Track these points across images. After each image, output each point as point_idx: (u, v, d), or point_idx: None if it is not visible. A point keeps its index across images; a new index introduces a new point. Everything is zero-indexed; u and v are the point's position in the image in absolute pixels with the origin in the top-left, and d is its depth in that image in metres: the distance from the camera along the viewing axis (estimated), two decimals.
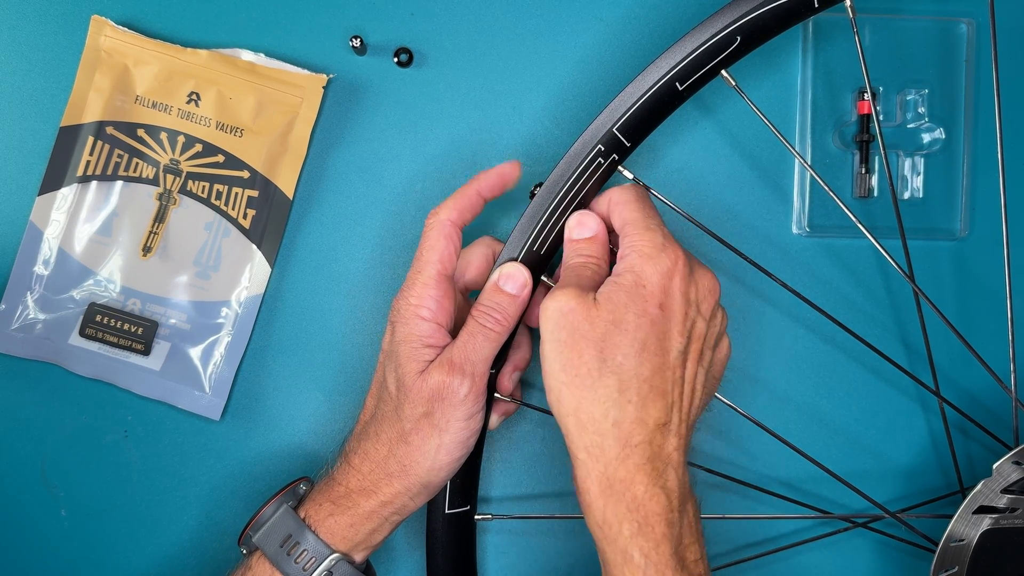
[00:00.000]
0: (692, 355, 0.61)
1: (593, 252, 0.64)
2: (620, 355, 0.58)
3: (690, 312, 0.61)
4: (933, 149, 0.76)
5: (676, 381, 0.60)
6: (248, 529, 0.65)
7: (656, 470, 0.58)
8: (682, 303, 0.60)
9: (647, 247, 0.61)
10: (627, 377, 0.58)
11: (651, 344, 0.59)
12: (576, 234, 0.65)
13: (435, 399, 0.62)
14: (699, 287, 0.62)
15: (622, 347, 0.58)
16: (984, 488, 0.66)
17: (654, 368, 0.59)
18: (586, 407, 0.59)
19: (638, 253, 0.60)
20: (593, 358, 0.59)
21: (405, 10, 0.73)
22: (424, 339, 0.63)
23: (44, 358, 0.72)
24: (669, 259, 0.60)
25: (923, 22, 0.75)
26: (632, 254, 0.61)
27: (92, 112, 0.71)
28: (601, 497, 0.58)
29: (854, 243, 0.76)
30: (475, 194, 0.66)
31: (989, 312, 0.76)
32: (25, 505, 0.73)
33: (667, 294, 0.60)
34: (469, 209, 0.65)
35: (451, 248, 0.64)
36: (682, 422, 0.60)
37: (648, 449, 0.58)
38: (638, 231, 0.62)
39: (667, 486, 0.58)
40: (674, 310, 0.60)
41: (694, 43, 0.63)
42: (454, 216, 0.65)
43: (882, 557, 0.77)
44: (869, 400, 0.76)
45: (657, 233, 0.61)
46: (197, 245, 0.72)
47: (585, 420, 0.59)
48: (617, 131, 0.64)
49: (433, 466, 0.63)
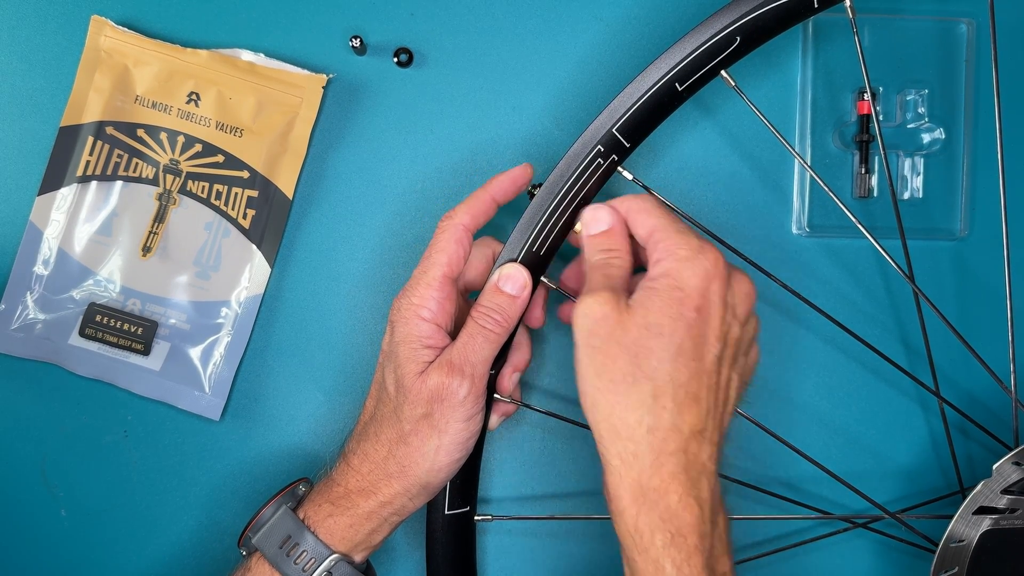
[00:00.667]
0: (727, 360, 0.60)
1: (613, 245, 0.63)
2: (655, 360, 0.57)
3: (727, 316, 0.59)
4: (933, 149, 0.76)
5: (711, 387, 0.59)
6: (247, 530, 0.65)
7: (690, 479, 0.57)
8: (719, 307, 0.59)
9: (683, 250, 0.59)
10: (662, 383, 0.57)
11: (687, 349, 0.58)
12: (592, 229, 0.64)
13: (434, 400, 0.62)
14: (736, 291, 0.60)
15: (657, 352, 0.57)
16: (984, 489, 0.66)
17: (690, 373, 0.58)
18: (620, 413, 0.58)
19: (674, 256, 0.59)
20: (627, 363, 0.58)
21: (405, 10, 0.73)
22: (424, 340, 0.63)
23: (44, 358, 0.72)
24: (708, 261, 0.59)
25: (923, 22, 0.75)
26: (668, 258, 0.59)
27: (92, 112, 0.71)
28: (634, 505, 0.57)
29: (854, 243, 0.76)
30: (489, 199, 0.65)
31: (989, 312, 0.76)
32: (25, 505, 0.73)
33: (705, 298, 0.58)
34: (483, 214, 0.65)
35: (460, 252, 0.64)
36: (716, 429, 0.59)
37: (683, 457, 0.57)
38: (669, 234, 0.60)
39: (700, 496, 0.57)
40: (711, 314, 0.59)
41: (694, 43, 0.63)
42: (467, 220, 0.64)
43: (882, 558, 0.77)
44: (869, 400, 0.76)
45: (691, 235, 0.60)
46: (197, 245, 0.72)
47: (619, 426, 0.58)
48: (617, 131, 0.64)
49: (432, 467, 0.63)
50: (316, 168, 0.74)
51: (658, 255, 0.60)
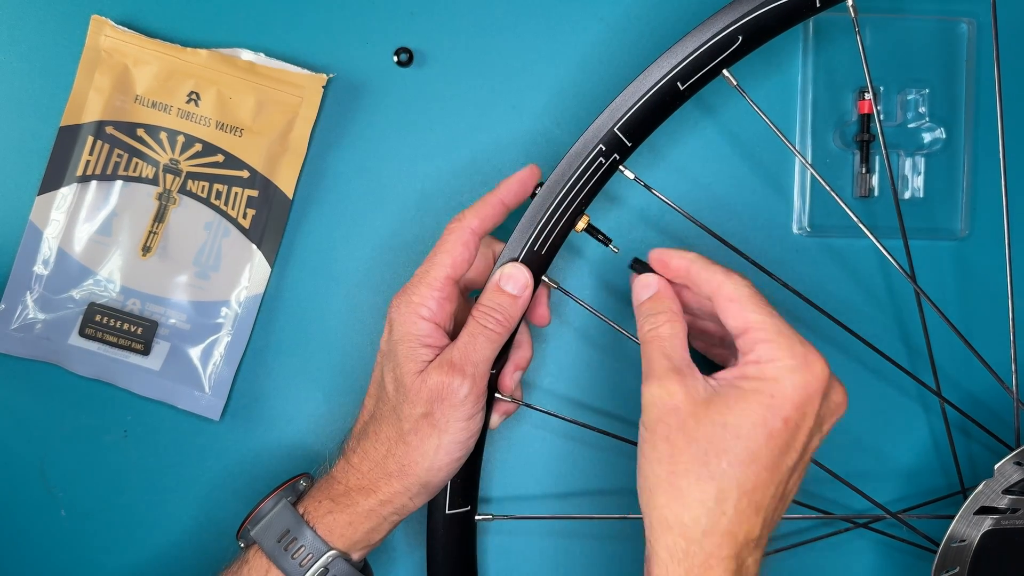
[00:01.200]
0: (799, 470, 0.58)
1: (661, 308, 0.62)
2: (726, 462, 0.56)
3: (813, 430, 0.57)
4: (934, 149, 0.75)
5: (776, 496, 0.57)
6: (247, 523, 0.65)
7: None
8: (810, 423, 0.57)
9: (787, 357, 0.57)
10: (728, 487, 0.56)
11: (763, 457, 0.56)
12: (642, 296, 0.63)
13: (435, 399, 0.62)
14: (829, 403, 0.58)
15: (729, 454, 0.56)
16: (985, 489, 0.66)
17: (758, 482, 0.56)
18: (676, 508, 0.56)
19: (776, 363, 0.57)
20: (694, 458, 0.56)
21: (405, 10, 0.73)
22: (422, 339, 0.63)
23: (44, 358, 0.71)
24: (814, 377, 0.56)
25: (923, 22, 0.75)
26: (770, 364, 0.57)
27: (92, 112, 0.71)
28: None
29: (855, 243, 0.76)
30: (499, 203, 0.65)
31: (990, 312, 0.76)
32: (25, 505, 0.73)
33: (800, 412, 0.56)
34: (492, 218, 0.65)
35: (466, 255, 0.64)
36: (767, 534, 0.58)
37: (734, 563, 0.56)
38: (772, 336, 0.57)
39: None
40: (800, 429, 0.57)
41: (695, 43, 0.63)
42: (475, 224, 0.64)
43: (883, 558, 0.77)
44: (870, 400, 0.76)
45: (796, 341, 0.57)
46: (197, 245, 0.72)
47: (672, 521, 0.56)
48: (618, 131, 0.64)
49: (432, 466, 0.63)
50: (316, 168, 0.73)
51: (757, 356, 0.58)
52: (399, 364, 0.63)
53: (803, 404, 0.56)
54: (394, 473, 0.63)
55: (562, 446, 0.75)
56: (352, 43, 0.73)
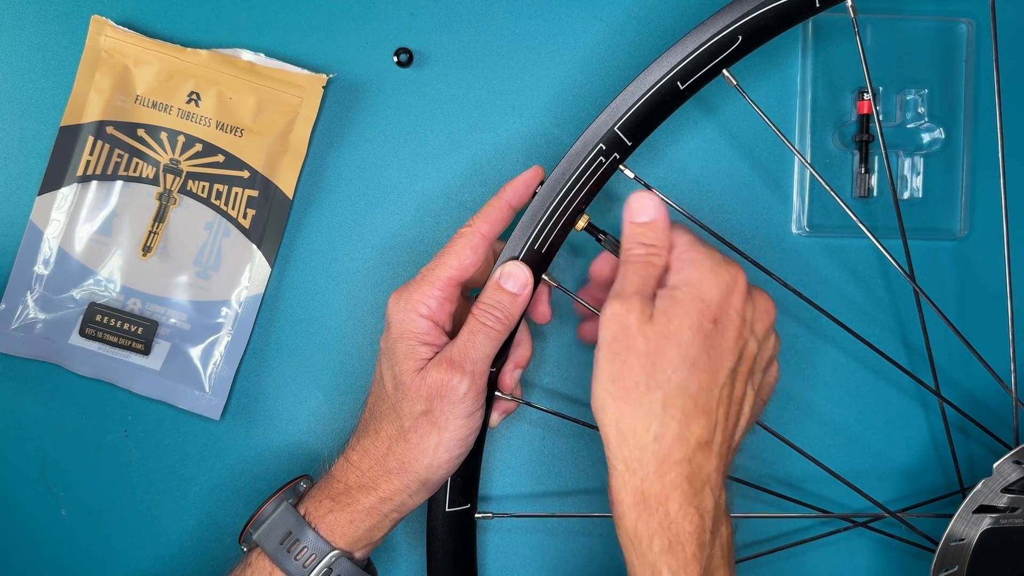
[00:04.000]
0: (741, 375, 0.60)
1: (653, 239, 0.62)
2: (670, 369, 0.58)
3: (744, 331, 0.60)
4: (933, 149, 0.76)
5: (722, 400, 0.59)
6: (248, 527, 0.65)
7: (693, 489, 0.58)
8: (737, 321, 0.59)
9: (705, 261, 0.60)
10: (673, 392, 0.58)
11: (701, 360, 0.58)
12: (637, 217, 0.63)
13: (434, 397, 0.62)
14: (756, 307, 0.61)
15: (672, 362, 0.58)
16: (984, 487, 0.66)
17: (701, 385, 0.58)
18: (628, 419, 0.58)
19: (696, 265, 0.60)
20: (642, 372, 0.58)
21: (405, 10, 0.73)
22: (421, 336, 0.63)
23: (44, 358, 0.72)
24: (729, 274, 0.59)
25: (923, 22, 0.75)
26: (689, 267, 0.60)
27: (92, 112, 0.71)
28: (634, 510, 0.58)
29: (854, 243, 0.76)
30: (505, 205, 0.65)
31: (989, 312, 0.76)
32: (25, 505, 0.73)
33: (723, 310, 0.59)
34: (500, 221, 0.65)
35: (474, 259, 0.64)
36: (724, 442, 0.59)
37: (687, 467, 0.58)
38: (694, 246, 0.61)
39: (702, 506, 0.58)
40: (728, 327, 0.59)
41: (695, 42, 0.63)
42: (485, 229, 0.64)
43: (882, 557, 0.78)
44: (869, 399, 0.76)
45: (714, 250, 0.61)
46: (197, 245, 0.72)
47: (626, 432, 0.58)
48: (618, 130, 0.64)
49: (432, 463, 0.63)
50: (316, 168, 0.73)
51: (680, 264, 0.60)
52: (398, 362, 0.63)
53: (725, 302, 0.59)
54: (394, 470, 0.63)
55: (562, 444, 0.75)
56: (352, 43, 0.73)
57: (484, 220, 0.65)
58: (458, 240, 0.64)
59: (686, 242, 0.61)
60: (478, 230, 0.64)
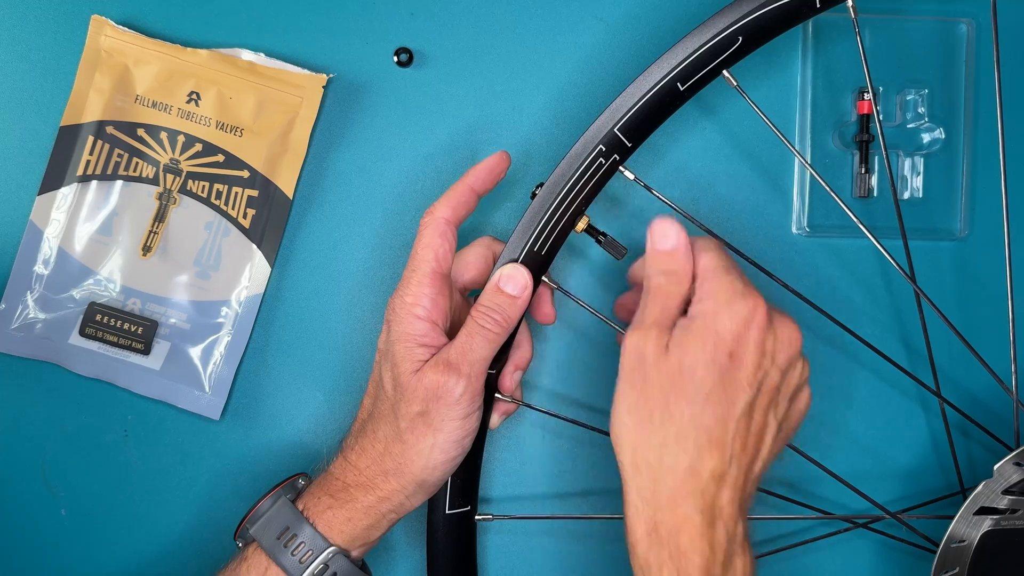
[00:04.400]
0: (760, 407, 0.59)
1: (674, 267, 0.62)
2: (683, 403, 0.58)
3: (763, 363, 0.59)
4: (933, 149, 0.76)
5: (739, 432, 0.58)
6: (245, 521, 0.65)
7: (705, 521, 0.57)
8: (755, 353, 0.58)
9: (724, 292, 0.59)
10: (686, 426, 0.58)
11: (716, 394, 0.58)
12: (660, 244, 0.62)
13: (430, 398, 0.62)
14: (777, 337, 0.60)
15: (686, 395, 0.58)
16: (985, 489, 0.66)
17: (716, 418, 0.58)
18: (642, 451, 0.58)
19: (713, 298, 0.59)
20: (656, 405, 0.58)
21: (405, 10, 0.73)
22: (419, 338, 0.63)
23: (44, 358, 0.72)
24: (747, 307, 0.59)
25: (923, 22, 0.75)
26: (708, 299, 0.59)
27: (92, 112, 0.71)
28: (645, 539, 0.58)
29: (854, 243, 0.76)
30: (468, 190, 0.65)
31: (990, 312, 0.76)
32: (25, 505, 0.73)
33: (739, 343, 0.58)
34: (464, 206, 0.65)
35: (447, 246, 0.64)
36: (741, 475, 0.59)
37: (700, 500, 0.57)
38: (716, 275, 0.60)
39: (714, 539, 0.57)
40: (745, 360, 0.58)
41: (696, 43, 0.63)
42: (448, 214, 0.64)
43: (883, 558, 0.77)
44: (870, 400, 0.76)
45: (736, 279, 0.60)
46: (197, 245, 0.72)
47: (640, 464, 0.58)
48: (618, 131, 0.64)
49: (428, 464, 0.63)
50: (316, 168, 0.74)
51: (700, 294, 0.60)
52: (396, 363, 0.63)
53: (742, 335, 0.58)
54: (391, 471, 0.63)
55: (562, 446, 0.75)
56: (352, 43, 0.73)
57: (446, 205, 0.65)
58: (424, 232, 0.64)
59: (710, 269, 0.61)
60: (441, 216, 0.64)
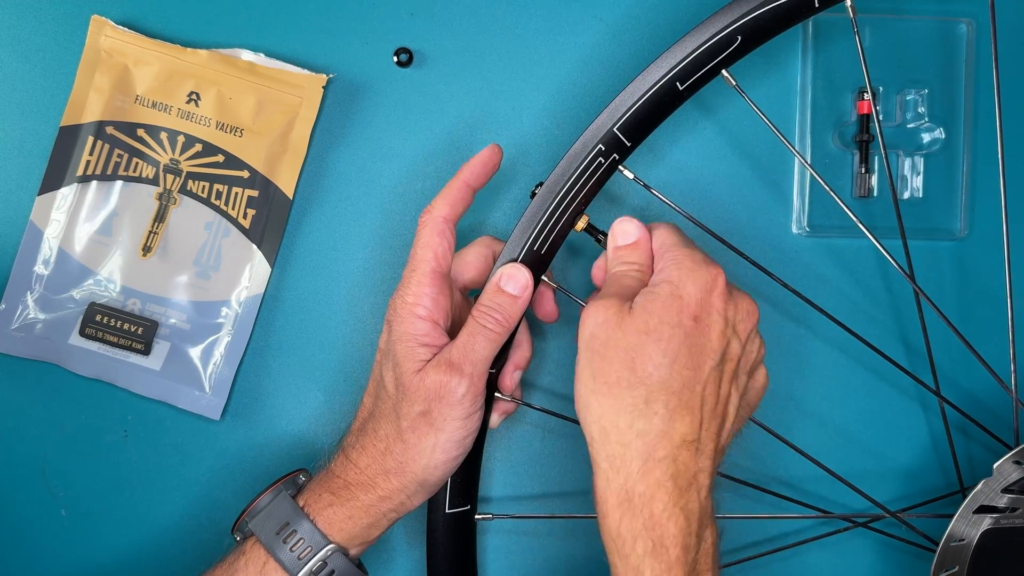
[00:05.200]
0: (726, 374, 0.60)
1: (635, 259, 0.63)
2: (651, 365, 0.58)
3: (726, 330, 0.60)
4: (933, 149, 0.76)
5: (707, 398, 0.59)
6: (244, 515, 0.65)
7: (678, 488, 0.57)
8: (719, 319, 0.59)
9: (687, 260, 0.60)
10: (655, 388, 0.58)
11: (683, 356, 0.58)
12: (620, 240, 0.64)
13: (433, 398, 0.62)
14: (737, 308, 0.60)
15: (653, 357, 0.58)
16: (984, 488, 0.66)
17: (684, 381, 0.58)
18: (611, 416, 0.58)
19: (676, 265, 0.60)
20: (623, 367, 0.58)
21: (405, 10, 0.73)
22: (420, 338, 0.63)
23: (44, 358, 0.72)
24: (709, 274, 0.60)
25: (923, 22, 0.75)
26: (671, 266, 0.60)
27: (92, 112, 0.71)
28: (618, 509, 0.57)
29: (854, 243, 0.76)
30: (464, 186, 0.65)
31: (989, 312, 0.76)
32: (25, 505, 0.73)
33: (703, 308, 0.59)
34: (460, 202, 0.65)
35: (445, 245, 0.64)
36: (710, 442, 0.59)
37: (672, 466, 0.57)
38: (677, 247, 0.62)
39: (687, 507, 0.57)
40: (710, 325, 0.59)
41: (695, 43, 0.63)
42: (446, 212, 0.64)
43: (882, 557, 0.77)
44: (869, 400, 0.76)
45: (696, 250, 0.61)
46: (197, 245, 0.72)
47: (609, 429, 0.58)
48: (618, 131, 0.64)
49: (429, 464, 0.63)
50: (316, 168, 0.73)
51: (661, 264, 0.61)
52: (398, 363, 0.63)
53: (705, 301, 0.59)
54: (392, 470, 0.63)
55: (562, 445, 0.75)
56: (352, 43, 0.73)
57: (443, 202, 0.64)
58: (423, 231, 0.64)
59: (670, 243, 0.62)
60: (439, 214, 0.64)
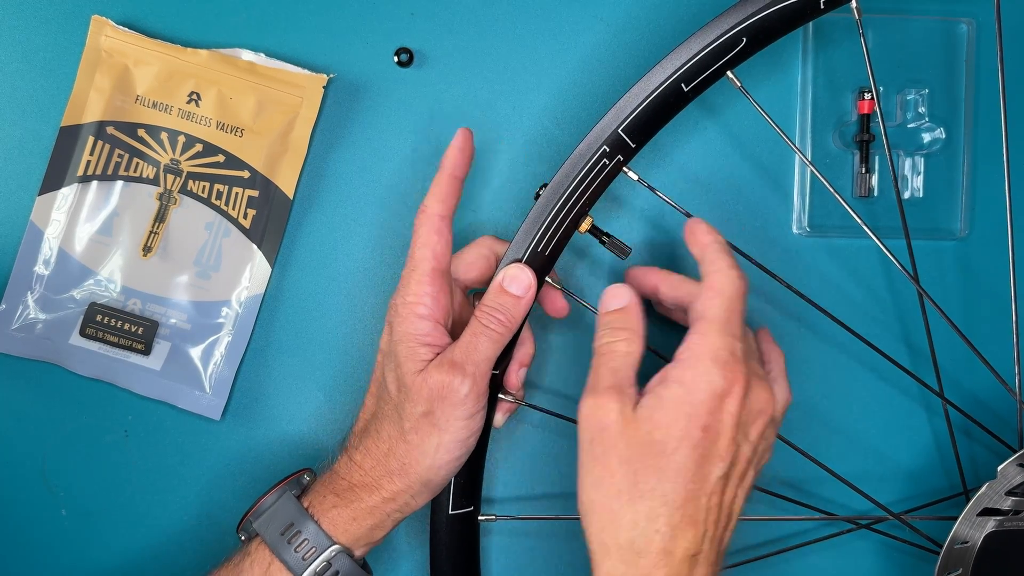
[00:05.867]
0: (732, 480, 0.58)
1: (623, 324, 0.61)
2: (654, 479, 0.56)
3: (736, 436, 0.57)
4: (933, 149, 0.76)
5: (711, 508, 0.57)
6: (249, 515, 0.65)
7: None
8: (730, 426, 0.57)
9: (706, 357, 0.57)
10: (658, 504, 0.56)
11: (688, 470, 0.56)
12: (609, 306, 0.63)
13: (435, 398, 0.62)
14: (751, 408, 0.58)
15: (656, 471, 0.56)
16: (988, 490, 0.66)
17: (688, 495, 0.56)
18: (611, 531, 0.57)
19: (694, 363, 0.57)
20: (624, 479, 0.57)
21: (405, 10, 0.73)
22: (421, 338, 0.63)
23: (44, 358, 0.71)
24: (726, 380, 0.57)
25: (924, 22, 0.75)
26: (688, 362, 0.58)
27: (92, 112, 0.71)
28: None
29: (855, 243, 0.76)
30: (450, 178, 0.65)
31: (992, 313, 0.76)
32: (25, 505, 0.73)
33: (714, 415, 0.57)
34: (451, 196, 0.65)
35: (443, 242, 0.64)
36: (713, 549, 0.58)
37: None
38: (709, 333, 0.58)
39: None
40: (720, 432, 0.57)
41: (700, 44, 0.63)
42: (440, 209, 0.64)
43: (885, 559, 0.77)
44: (872, 401, 0.76)
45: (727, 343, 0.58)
46: (197, 245, 0.72)
47: (610, 544, 0.57)
48: (622, 132, 0.64)
49: (433, 464, 0.63)
50: (316, 168, 0.73)
51: (682, 350, 0.59)
52: (400, 364, 0.63)
53: (717, 409, 0.57)
54: (396, 471, 0.63)
55: (565, 446, 0.75)
56: (352, 43, 0.73)
57: (435, 199, 0.64)
58: (420, 230, 0.64)
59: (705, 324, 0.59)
60: (434, 212, 0.64)
